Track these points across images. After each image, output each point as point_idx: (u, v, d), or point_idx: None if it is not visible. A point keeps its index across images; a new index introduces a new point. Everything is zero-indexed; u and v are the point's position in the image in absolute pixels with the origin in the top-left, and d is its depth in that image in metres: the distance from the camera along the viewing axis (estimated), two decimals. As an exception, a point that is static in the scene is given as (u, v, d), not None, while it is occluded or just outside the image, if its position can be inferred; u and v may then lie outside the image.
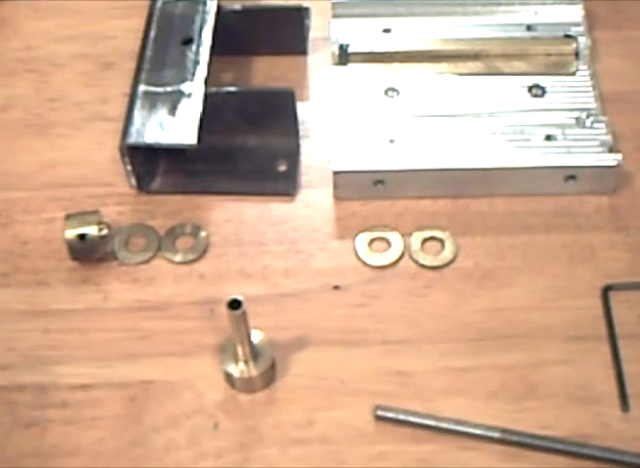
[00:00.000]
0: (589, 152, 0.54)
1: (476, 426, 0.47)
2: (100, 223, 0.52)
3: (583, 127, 0.56)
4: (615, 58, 0.61)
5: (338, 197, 0.56)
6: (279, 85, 0.59)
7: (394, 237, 0.54)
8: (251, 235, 0.54)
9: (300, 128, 0.57)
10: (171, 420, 0.48)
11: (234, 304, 0.45)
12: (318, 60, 0.62)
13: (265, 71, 0.62)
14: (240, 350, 0.47)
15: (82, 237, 0.52)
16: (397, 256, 0.53)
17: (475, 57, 0.60)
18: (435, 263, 0.53)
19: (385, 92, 0.58)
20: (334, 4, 0.62)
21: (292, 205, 0.56)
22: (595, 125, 0.56)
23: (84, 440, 0.47)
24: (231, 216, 0.55)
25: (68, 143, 0.59)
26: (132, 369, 0.49)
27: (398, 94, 0.58)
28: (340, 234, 0.54)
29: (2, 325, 0.51)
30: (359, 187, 0.55)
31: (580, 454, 0.46)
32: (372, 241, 0.54)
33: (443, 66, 0.60)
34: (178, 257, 0.53)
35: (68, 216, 0.53)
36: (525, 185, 0.55)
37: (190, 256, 0.53)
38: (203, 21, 0.59)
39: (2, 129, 0.60)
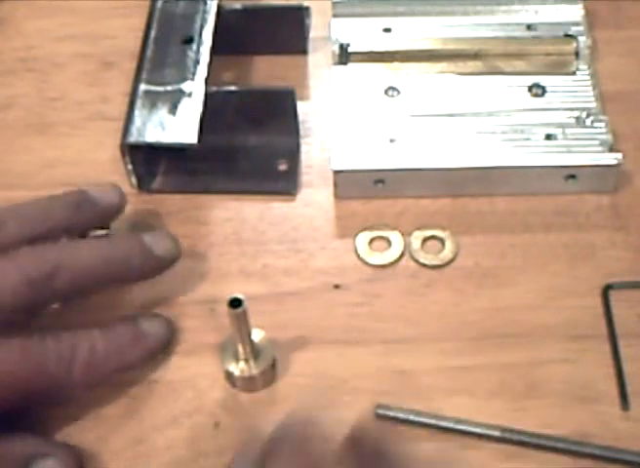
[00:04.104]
0: (590, 151, 0.55)
1: (476, 425, 0.47)
2: (100, 222, 0.52)
3: (584, 126, 0.56)
4: (615, 57, 0.61)
5: (338, 196, 0.56)
6: (279, 84, 0.59)
7: (394, 236, 0.54)
8: (251, 234, 0.55)
9: (301, 127, 0.58)
10: (171, 419, 0.48)
11: (235, 303, 0.45)
12: (318, 60, 0.62)
13: (266, 70, 0.62)
14: (241, 349, 0.47)
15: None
16: (397, 256, 0.53)
17: (475, 56, 0.60)
18: (435, 262, 0.53)
19: (386, 91, 0.58)
20: (334, 3, 0.62)
21: (292, 204, 0.56)
22: (595, 124, 0.56)
23: (84, 438, 0.47)
24: (232, 216, 0.55)
25: (69, 143, 0.59)
26: (132, 367, 0.50)
27: (398, 93, 0.58)
28: (340, 233, 0.55)
29: (3, 324, 0.51)
30: (359, 186, 0.55)
31: (580, 453, 0.46)
32: (372, 240, 0.54)
33: (443, 66, 0.60)
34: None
35: (69, 215, 0.53)
36: (525, 184, 0.55)
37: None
38: (203, 21, 0.59)
39: (2, 128, 0.60)
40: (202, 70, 0.56)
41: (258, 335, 0.49)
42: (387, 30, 0.61)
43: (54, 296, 0.47)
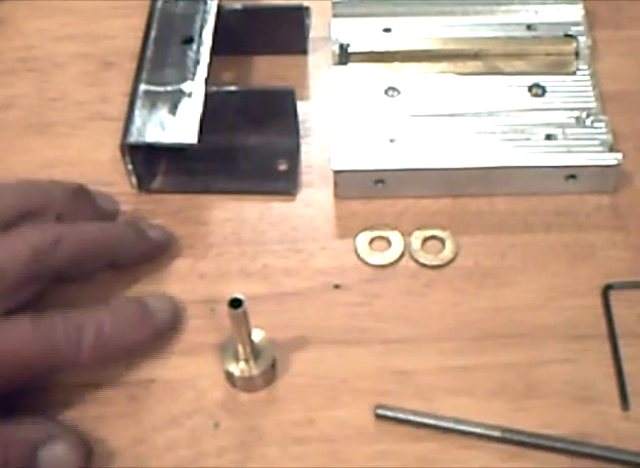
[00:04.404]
0: (590, 151, 0.55)
1: (477, 425, 0.47)
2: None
3: (584, 126, 0.56)
4: (615, 57, 0.61)
5: (338, 196, 0.56)
6: (279, 84, 0.59)
7: (395, 236, 0.54)
8: (251, 234, 0.54)
9: (301, 127, 0.58)
10: (171, 419, 0.48)
11: (235, 303, 0.45)
12: (318, 60, 0.62)
13: (266, 70, 0.62)
14: (241, 349, 0.47)
15: None
16: (397, 256, 0.53)
17: (475, 56, 0.60)
18: (436, 262, 0.53)
19: (386, 91, 0.58)
20: (334, 3, 0.62)
21: (292, 204, 0.56)
22: (595, 124, 0.56)
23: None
24: (231, 216, 0.55)
25: (69, 143, 0.59)
26: (132, 367, 0.49)
27: (398, 93, 0.58)
28: (340, 233, 0.54)
29: (3, 324, 0.51)
30: (359, 186, 0.55)
31: (580, 453, 0.46)
32: (372, 240, 0.54)
33: (443, 66, 0.60)
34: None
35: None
36: (525, 185, 0.55)
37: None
38: (203, 21, 0.59)
39: (2, 128, 0.60)
40: (202, 70, 0.56)
41: (258, 335, 0.49)
42: (387, 30, 0.61)
43: (56, 267, 0.48)
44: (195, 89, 0.55)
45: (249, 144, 0.58)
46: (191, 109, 0.54)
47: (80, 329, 0.46)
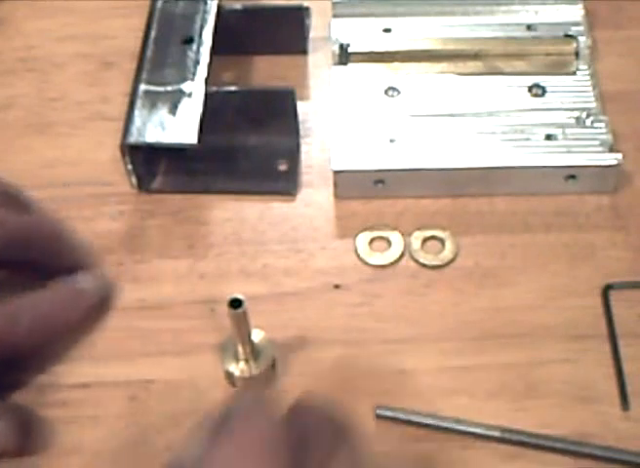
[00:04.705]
0: (590, 151, 0.55)
1: (477, 425, 0.47)
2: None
3: (584, 126, 0.56)
4: (615, 57, 0.61)
5: (338, 196, 0.56)
6: (279, 84, 0.59)
7: (395, 236, 0.54)
8: (251, 234, 0.54)
9: (301, 127, 0.58)
10: (171, 419, 0.48)
11: (235, 303, 0.45)
12: (318, 60, 0.62)
13: (266, 71, 0.62)
14: (241, 349, 0.47)
15: None
16: (397, 256, 0.53)
17: (475, 56, 0.60)
18: (435, 263, 0.53)
19: (386, 91, 0.58)
20: (334, 4, 0.62)
21: (292, 204, 0.56)
22: (595, 124, 0.56)
23: (84, 439, 0.47)
24: (231, 216, 0.55)
25: (69, 143, 0.59)
26: (132, 368, 0.50)
27: (398, 93, 0.58)
28: (340, 233, 0.54)
29: (2, 324, 0.51)
30: (359, 186, 0.55)
31: (580, 453, 0.46)
32: (372, 240, 0.54)
33: (443, 66, 0.60)
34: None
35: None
36: (525, 185, 0.55)
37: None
38: (203, 21, 0.59)
39: (2, 128, 0.60)
40: (202, 70, 0.56)
41: (258, 335, 0.49)
42: (387, 30, 0.61)
43: None
44: (195, 89, 0.55)
45: (249, 144, 0.58)
46: (191, 109, 0.54)
47: (16, 307, 0.46)
